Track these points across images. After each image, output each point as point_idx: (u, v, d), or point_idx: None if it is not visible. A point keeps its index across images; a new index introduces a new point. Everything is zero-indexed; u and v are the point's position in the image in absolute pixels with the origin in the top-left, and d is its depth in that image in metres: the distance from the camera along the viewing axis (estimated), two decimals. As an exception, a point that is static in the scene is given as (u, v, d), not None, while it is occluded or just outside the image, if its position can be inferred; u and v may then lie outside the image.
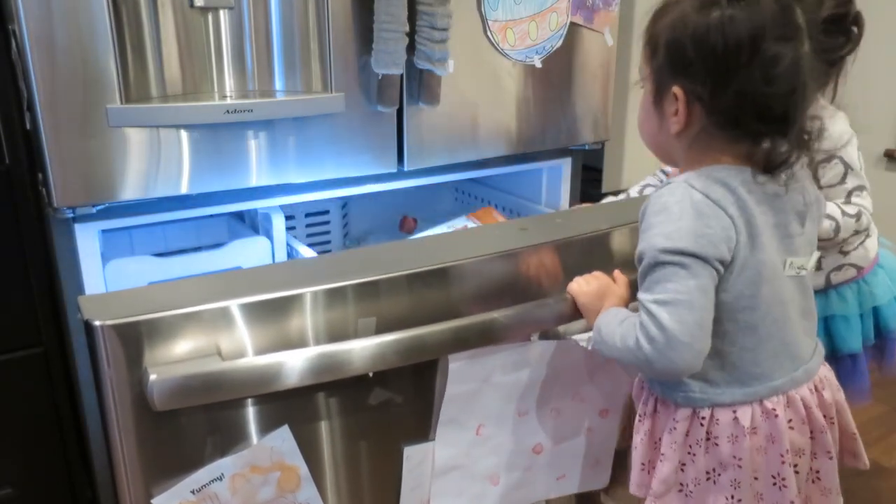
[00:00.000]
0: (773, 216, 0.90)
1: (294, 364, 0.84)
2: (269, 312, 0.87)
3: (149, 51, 1.07)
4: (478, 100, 1.34)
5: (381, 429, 1.00)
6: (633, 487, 1.02)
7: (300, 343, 0.88)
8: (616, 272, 1.01)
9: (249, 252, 1.30)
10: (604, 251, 1.08)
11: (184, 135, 1.09)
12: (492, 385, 1.02)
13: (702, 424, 0.93)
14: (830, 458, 0.97)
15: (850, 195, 1.28)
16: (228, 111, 1.08)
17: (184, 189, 1.12)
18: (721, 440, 0.92)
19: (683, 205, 0.86)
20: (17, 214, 1.12)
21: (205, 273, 1.23)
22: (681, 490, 0.96)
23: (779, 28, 0.81)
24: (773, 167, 0.88)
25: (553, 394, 1.09)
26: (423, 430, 1.02)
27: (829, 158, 1.25)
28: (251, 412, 0.89)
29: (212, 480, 0.88)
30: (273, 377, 0.84)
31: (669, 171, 1.44)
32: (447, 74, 1.23)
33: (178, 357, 0.82)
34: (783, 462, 0.93)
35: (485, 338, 0.97)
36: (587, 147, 1.52)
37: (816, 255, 1.16)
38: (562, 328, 1.08)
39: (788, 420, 0.93)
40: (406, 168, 1.31)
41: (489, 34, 1.29)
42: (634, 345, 0.86)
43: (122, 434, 0.83)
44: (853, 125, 1.32)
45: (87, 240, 1.11)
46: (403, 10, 1.13)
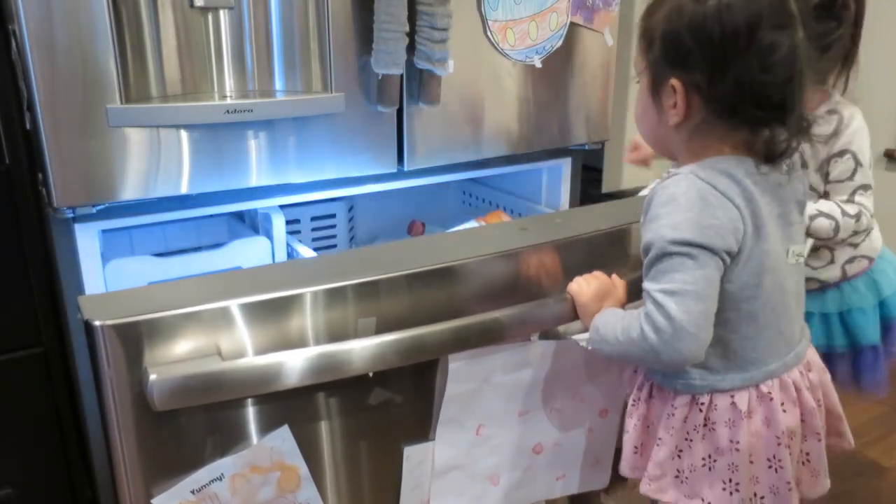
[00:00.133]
0: (777, 206, 0.91)
1: (294, 364, 0.84)
2: (269, 312, 0.87)
3: (149, 51, 1.07)
4: (478, 100, 1.34)
5: (381, 429, 1.00)
6: (625, 469, 1.03)
7: (300, 343, 0.88)
8: (614, 276, 1.01)
9: (249, 252, 1.30)
10: (604, 251, 1.08)
11: (184, 135, 1.09)
12: (492, 385, 1.02)
13: (700, 410, 0.93)
14: (819, 440, 0.99)
15: (855, 193, 1.27)
16: (228, 111, 1.08)
17: (184, 189, 1.12)
18: (718, 425, 0.93)
19: (690, 195, 0.86)
20: (17, 214, 1.12)
21: (205, 273, 1.23)
22: (677, 476, 0.97)
23: (775, 16, 0.82)
24: (775, 156, 0.89)
25: (553, 394, 1.09)
26: (423, 430, 1.02)
27: (843, 153, 1.24)
28: (251, 412, 0.89)
29: (212, 480, 0.88)
30: (273, 377, 0.84)
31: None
32: (447, 74, 1.23)
33: (178, 357, 0.82)
34: (779, 444, 0.94)
35: (485, 338, 0.97)
36: (587, 147, 1.52)
37: (810, 242, 1.16)
38: (562, 328, 1.08)
39: (781, 403, 0.94)
40: (406, 168, 1.31)
41: (489, 34, 1.29)
42: (639, 336, 0.86)
43: (122, 434, 0.83)
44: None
45: (87, 240, 1.11)
46: (403, 10, 1.13)
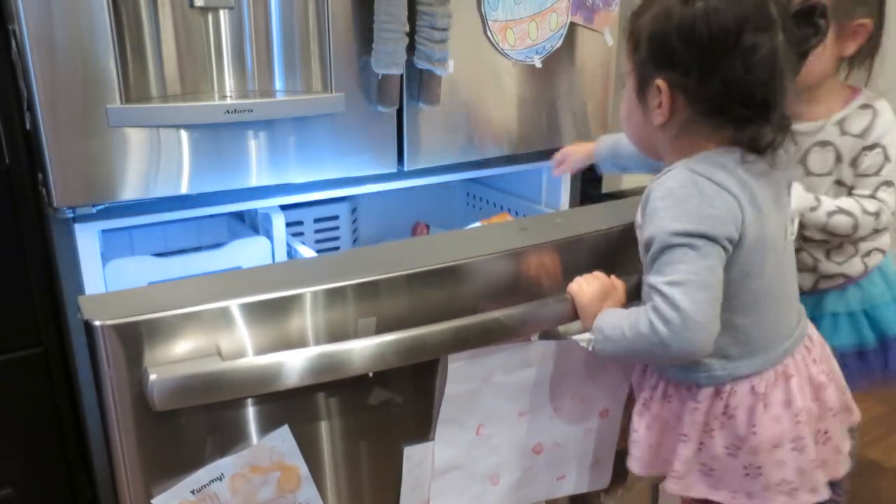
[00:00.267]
0: (770, 188, 0.93)
1: (294, 364, 0.84)
2: (269, 312, 0.87)
3: (149, 51, 1.07)
4: (478, 100, 1.34)
5: (381, 429, 1.00)
6: (639, 468, 1.03)
7: (300, 343, 0.88)
8: (613, 276, 1.01)
9: (249, 252, 1.30)
10: (604, 251, 1.08)
11: (184, 135, 1.09)
12: (492, 385, 1.02)
13: (722, 399, 0.94)
14: (834, 416, 1.00)
15: (878, 189, 1.24)
16: (228, 111, 1.08)
17: (184, 189, 1.12)
18: (738, 411, 0.94)
19: (687, 188, 0.88)
20: (17, 214, 1.12)
21: (205, 273, 1.23)
22: (701, 470, 0.98)
23: (757, 19, 0.85)
24: (759, 150, 0.91)
25: (553, 394, 1.09)
26: (423, 430, 1.02)
27: (874, 146, 1.22)
28: (251, 412, 0.89)
29: (212, 480, 0.88)
30: (273, 377, 0.84)
31: None
32: (447, 74, 1.23)
33: (178, 357, 0.82)
34: (798, 422, 0.95)
35: (485, 338, 0.97)
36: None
37: (797, 220, 1.17)
38: (562, 328, 1.08)
39: (797, 381, 0.96)
40: (406, 168, 1.31)
41: (489, 34, 1.29)
42: (648, 329, 0.86)
43: (122, 434, 0.83)
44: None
45: (87, 240, 1.11)
46: (403, 10, 1.13)
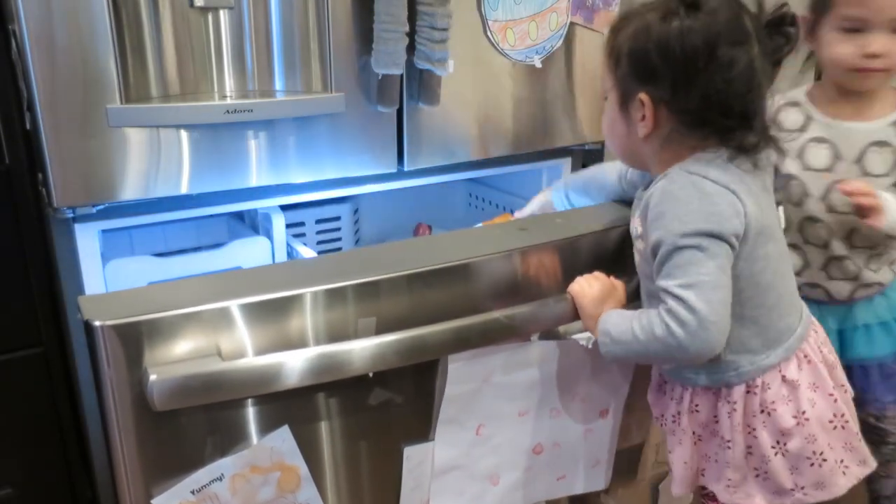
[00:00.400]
0: (758, 181, 0.95)
1: (294, 364, 0.84)
2: (269, 312, 0.87)
3: (149, 51, 1.07)
4: (478, 100, 1.34)
5: (381, 429, 1.00)
6: (680, 488, 1.03)
7: (300, 343, 0.88)
8: (612, 277, 1.01)
9: (249, 252, 1.30)
10: (604, 251, 1.08)
11: (184, 135, 1.09)
12: (492, 385, 1.02)
13: (756, 394, 0.95)
14: (846, 392, 1.00)
15: None
16: (228, 111, 1.08)
17: (184, 189, 1.12)
18: (777, 404, 0.94)
19: (687, 189, 0.90)
20: (17, 214, 1.12)
21: (205, 273, 1.23)
22: (757, 475, 0.98)
23: (732, 34, 0.87)
24: (745, 152, 0.93)
25: (553, 394, 1.09)
26: (423, 430, 1.02)
27: None
28: (251, 412, 0.89)
29: (212, 481, 0.88)
30: (273, 377, 0.84)
31: None
32: (447, 74, 1.23)
33: (178, 357, 0.82)
34: (835, 400, 0.97)
35: (485, 338, 0.97)
36: (587, 147, 1.52)
37: (782, 209, 1.18)
38: (562, 328, 1.08)
39: (819, 362, 0.98)
40: (406, 168, 1.31)
41: (489, 34, 1.29)
42: (664, 332, 0.86)
43: (122, 434, 0.83)
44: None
45: (87, 240, 1.11)
46: (403, 10, 1.13)
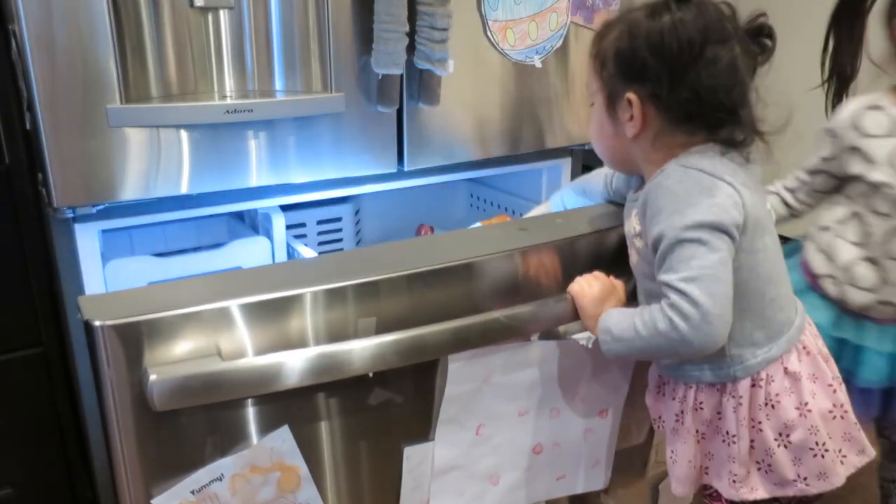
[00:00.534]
0: (752, 172, 0.96)
1: (294, 364, 0.84)
2: (269, 312, 0.87)
3: (149, 51, 1.07)
4: (478, 100, 1.34)
5: (381, 429, 1.00)
6: (682, 488, 1.03)
7: (300, 343, 0.88)
8: (612, 277, 1.01)
9: (249, 252, 1.30)
10: (604, 251, 1.08)
11: (184, 135, 1.09)
12: (492, 385, 1.02)
13: (760, 388, 0.95)
14: (840, 383, 1.00)
15: None
16: (228, 111, 1.08)
17: (184, 189, 1.12)
18: (781, 397, 0.95)
19: (685, 182, 0.90)
20: (17, 214, 1.12)
21: (205, 273, 1.23)
22: (759, 468, 0.98)
23: (717, 32, 0.89)
24: (734, 146, 0.94)
25: (553, 394, 1.09)
26: (423, 430, 1.02)
27: None
28: (251, 412, 0.89)
29: (212, 481, 0.88)
30: (273, 377, 0.84)
31: None
32: (447, 74, 1.23)
33: (178, 357, 0.82)
34: (834, 391, 0.97)
35: (485, 338, 0.97)
36: (587, 147, 1.52)
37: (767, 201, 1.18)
38: (562, 328, 1.08)
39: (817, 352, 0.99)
40: (406, 168, 1.31)
41: (489, 34, 1.29)
42: (667, 327, 0.86)
43: (122, 434, 0.83)
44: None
45: (87, 240, 1.11)
46: (403, 10, 1.13)
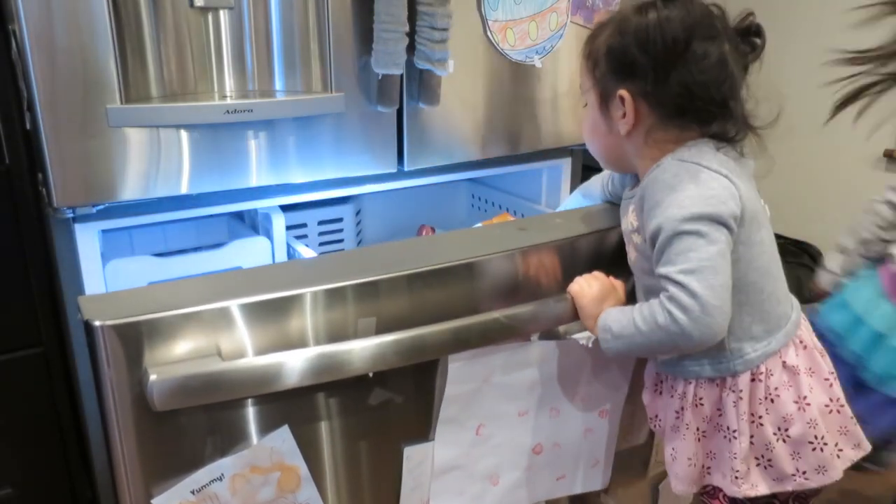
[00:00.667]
0: (746, 167, 0.97)
1: (294, 364, 0.84)
2: (269, 312, 0.87)
3: (149, 51, 1.07)
4: (478, 100, 1.34)
5: (381, 429, 1.00)
6: (684, 486, 1.02)
7: (300, 343, 0.88)
8: (611, 277, 1.02)
9: (249, 252, 1.30)
10: (604, 251, 1.08)
11: (184, 135, 1.09)
12: (492, 385, 1.02)
13: (760, 381, 0.95)
14: (836, 378, 1.01)
15: None
16: (228, 111, 1.08)
17: (184, 189, 1.12)
18: (780, 391, 0.95)
19: (681, 175, 0.91)
20: (17, 214, 1.12)
21: (205, 273, 1.23)
22: (758, 464, 0.98)
23: (704, 29, 0.90)
24: (727, 140, 0.95)
25: (553, 394, 1.09)
26: (423, 430, 1.02)
27: None
28: (251, 412, 0.89)
29: (212, 481, 0.88)
30: (273, 377, 0.84)
31: None
32: (447, 74, 1.23)
33: (178, 357, 0.82)
34: (830, 385, 0.98)
35: (485, 338, 0.97)
36: (586, 145, 1.52)
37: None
38: (562, 328, 1.08)
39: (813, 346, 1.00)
40: (406, 168, 1.31)
41: (489, 34, 1.29)
42: (666, 320, 0.87)
43: (122, 434, 0.83)
44: (850, 126, 1.29)
45: (87, 240, 1.11)
46: (403, 10, 1.13)
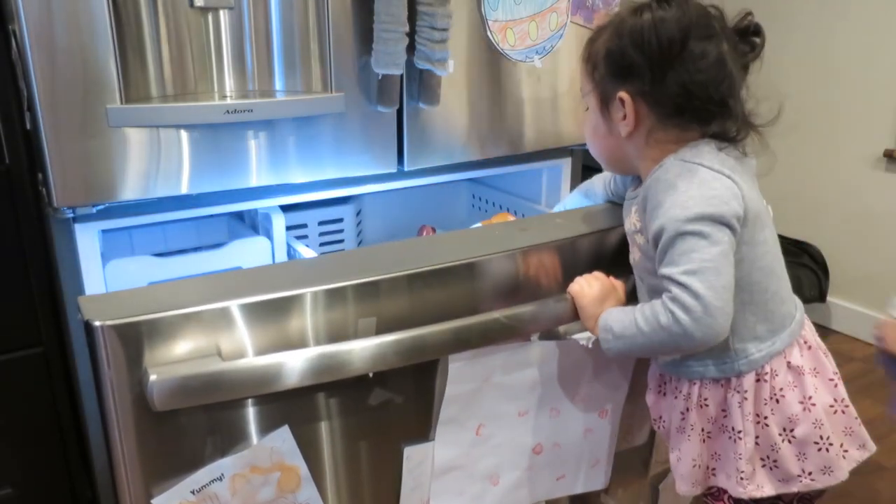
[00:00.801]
0: (749, 167, 0.97)
1: (294, 364, 0.84)
2: (269, 312, 0.87)
3: (149, 51, 1.07)
4: (478, 100, 1.34)
5: (381, 429, 1.00)
6: (688, 486, 1.02)
7: (300, 343, 0.88)
8: (611, 277, 1.02)
9: (249, 252, 1.30)
10: (604, 251, 1.08)
11: (184, 135, 1.09)
12: (492, 385, 1.02)
13: (765, 382, 0.95)
14: (840, 378, 1.01)
15: None
16: (228, 111, 1.08)
17: (184, 189, 1.12)
18: (786, 391, 0.95)
19: (684, 176, 0.91)
20: (17, 214, 1.12)
21: (205, 273, 1.23)
22: (764, 465, 0.98)
23: (701, 28, 0.90)
24: (728, 140, 0.95)
25: (553, 394, 1.09)
26: (423, 430, 1.02)
27: None
28: (251, 412, 0.89)
29: (212, 481, 0.88)
30: (273, 377, 0.84)
31: None
32: (447, 74, 1.23)
33: (178, 357, 0.82)
34: (835, 385, 0.98)
35: (485, 338, 0.97)
36: (587, 147, 1.52)
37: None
38: (562, 328, 1.08)
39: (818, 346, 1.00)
40: (406, 168, 1.31)
41: (489, 34, 1.29)
42: (669, 321, 0.87)
43: (122, 434, 0.83)
44: (850, 126, 1.30)
45: (87, 240, 1.11)
46: (403, 10, 1.13)
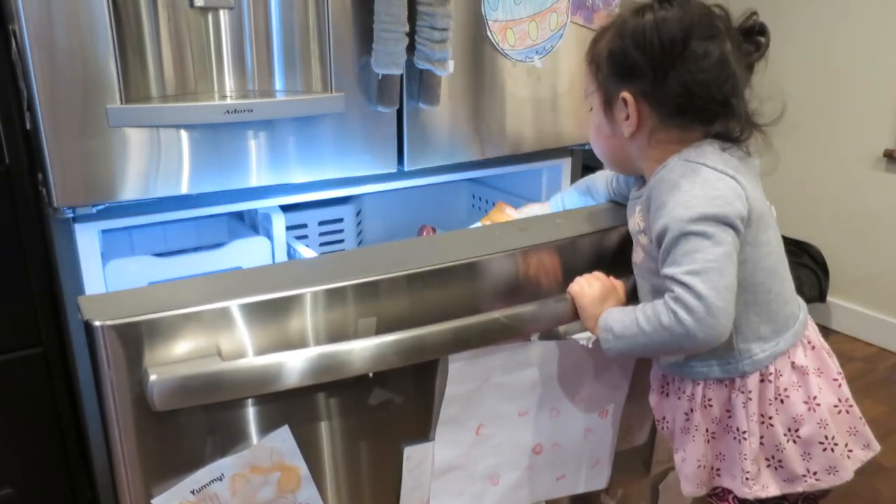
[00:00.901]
0: (753, 167, 0.97)
1: (294, 364, 0.84)
2: (269, 312, 0.87)
3: (149, 51, 1.07)
4: (478, 100, 1.34)
5: (381, 429, 1.00)
6: (693, 487, 1.02)
7: (300, 343, 0.88)
8: (612, 277, 1.02)
9: (249, 252, 1.30)
10: (604, 251, 1.08)
11: (184, 135, 1.09)
12: (492, 385, 1.02)
13: (770, 382, 0.95)
14: (844, 378, 1.01)
15: None
16: (228, 111, 1.08)
17: (184, 189, 1.12)
18: (790, 391, 0.95)
19: (687, 175, 0.91)
20: (17, 214, 1.12)
21: (205, 273, 1.23)
22: (769, 465, 0.98)
23: (703, 28, 0.91)
24: (732, 140, 0.95)
25: (553, 394, 1.09)
26: (423, 430, 1.02)
27: None
28: (251, 412, 0.89)
29: (212, 481, 0.88)
30: (273, 377, 0.84)
31: None
32: (447, 74, 1.23)
33: (178, 357, 0.82)
34: (839, 385, 0.98)
35: (485, 338, 0.97)
36: (587, 147, 1.52)
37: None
38: (562, 328, 1.08)
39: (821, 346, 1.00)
40: (406, 168, 1.31)
41: (489, 34, 1.29)
42: (671, 321, 0.87)
43: (122, 434, 0.83)
44: (850, 126, 1.30)
45: (87, 240, 1.11)
46: (403, 10, 1.13)
